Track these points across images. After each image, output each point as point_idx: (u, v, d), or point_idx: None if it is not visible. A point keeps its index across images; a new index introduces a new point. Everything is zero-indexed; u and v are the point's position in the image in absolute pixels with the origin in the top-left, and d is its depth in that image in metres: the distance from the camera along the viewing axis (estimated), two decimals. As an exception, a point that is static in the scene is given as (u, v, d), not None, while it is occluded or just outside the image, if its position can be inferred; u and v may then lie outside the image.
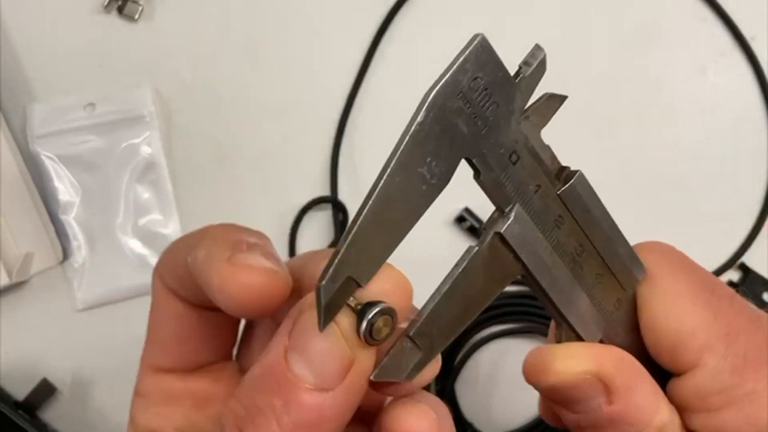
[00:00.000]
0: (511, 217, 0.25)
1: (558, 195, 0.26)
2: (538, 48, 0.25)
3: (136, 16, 0.59)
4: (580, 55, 0.62)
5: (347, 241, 0.22)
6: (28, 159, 0.58)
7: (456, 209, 0.60)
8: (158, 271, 0.31)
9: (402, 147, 0.22)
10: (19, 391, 0.58)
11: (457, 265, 0.25)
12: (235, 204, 0.61)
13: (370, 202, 0.22)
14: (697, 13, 0.63)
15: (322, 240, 0.60)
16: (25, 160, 0.57)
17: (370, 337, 0.24)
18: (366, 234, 0.22)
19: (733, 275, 0.63)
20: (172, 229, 0.59)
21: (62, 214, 0.58)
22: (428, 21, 0.61)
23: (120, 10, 0.59)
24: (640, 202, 0.62)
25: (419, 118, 0.22)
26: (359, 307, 0.23)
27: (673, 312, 0.27)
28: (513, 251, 0.25)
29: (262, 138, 0.61)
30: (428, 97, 0.22)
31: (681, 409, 0.28)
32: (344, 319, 0.24)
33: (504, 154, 0.24)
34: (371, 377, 0.25)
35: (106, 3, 0.59)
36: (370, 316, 0.23)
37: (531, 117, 0.25)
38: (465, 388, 0.59)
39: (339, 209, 0.60)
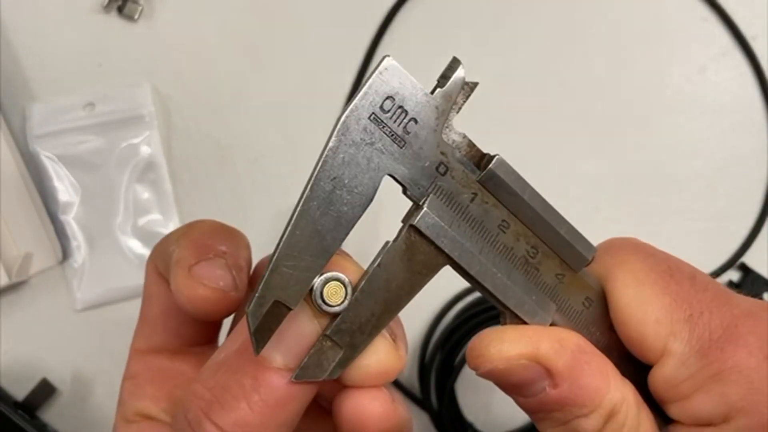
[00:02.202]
0: (424, 209, 0.25)
1: (478, 181, 0.25)
2: (455, 60, 0.25)
3: (136, 16, 0.59)
4: (581, 55, 0.62)
5: (270, 268, 0.23)
6: (28, 159, 0.58)
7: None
8: (152, 256, 0.33)
9: (316, 173, 0.23)
10: (19, 391, 0.58)
11: (373, 261, 0.25)
12: (235, 204, 0.61)
13: (288, 229, 0.23)
14: (697, 12, 0.63)
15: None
16: (24, 160, 0.57)
17: (325, 304, 0.25)
18: (288, 259, 0.23)
19: (733, 275, 0.63)
20: (172, 229, 0.59)
21: (62, 214, 0.58)
22: (428, 21, 0.61)
23: (120, 10, 0.59)
24: (640, 202, 0.62)
25: (330, 144, 0.23)
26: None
27: (635, 303, 0.27)
28: (431, 242, 0.25)
29: (262, 138, 0.61)
30: (338, 122, 0.23)
31: (661, 401, 0.27)
32: (306, 301, 0.25)
33: (429, 167, 0.25)
34: (291, 378, 0.25)
35: (106, 3, 0.59)
36: (317, 283, 0.25)
37: (450, 114, 0.25)
38: (465, 388, 0.59)
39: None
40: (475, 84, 0.25)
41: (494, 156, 0.25)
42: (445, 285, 0.26)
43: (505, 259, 0.26)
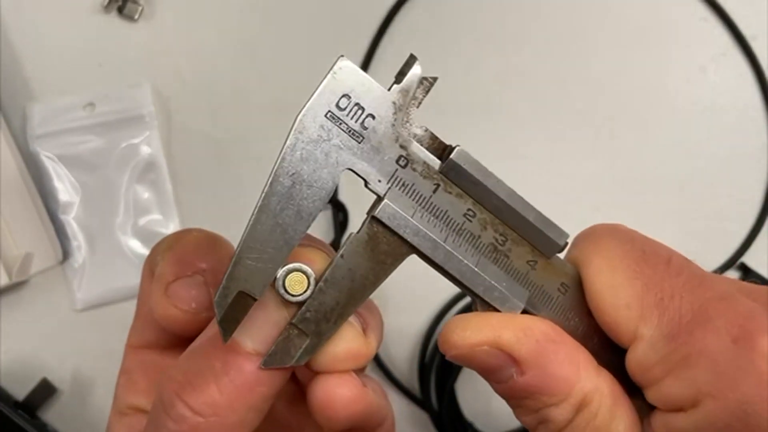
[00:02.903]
0: (385, 200, 0.26)
1: (440, 172, 0.26)
2: (411, 57, 0.26)
3: (136, 16, 0.59)
4: (581, 55, 0.62)
5: (233, 260, 0.24)
6: (28, 159, 0.58)
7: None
8: (148, 258, 0.34)
9: (275, 170, 0.24)
10: (19, 391, 0.58)
11: (336, 252, 0.27)
12: (234, 204, 0.61)
13: (250, 224, 0.24)
14: (697, 12, 0.63)
15: (322, 240, 0.60)
16: (25, 160, 0.57)
17: (288, 294, 0.26)
18: (251, 252, 0.24)
19: (733, 275, 0.63)
20: (172, 229, 0.59)
21: (62, 214, 0.58)
22: (428, 21, 0.61)
23: (120, 10, 0.59)
24: (640, 202, 0.62)
25: (288, 141, 0.24)
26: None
27: (606, 288, 0.27)
28: (393, 232, 0.26)
29: (262, 138, 0.61)
30: (295, 121, 0.24)
31: (639, 386, 0.27)
32: (273, 291, 0.26)
33: (389, 161, 0.25)
34: (260, 365, 0.27)
35: (106, 3, 0.59)
36: (279, 274, 0.26)
37: (411, 109, 0.26)
38: (465, 388, 0.59)
39: (339, 209, 0.60)
40: (435, 78, 0.26)
41: (455, 147, 0.26)
42: (445, 285, 0.27)
43: (472, 247, 0.27)
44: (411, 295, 0.57)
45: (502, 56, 0.62)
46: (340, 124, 0.25)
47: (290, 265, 0.26)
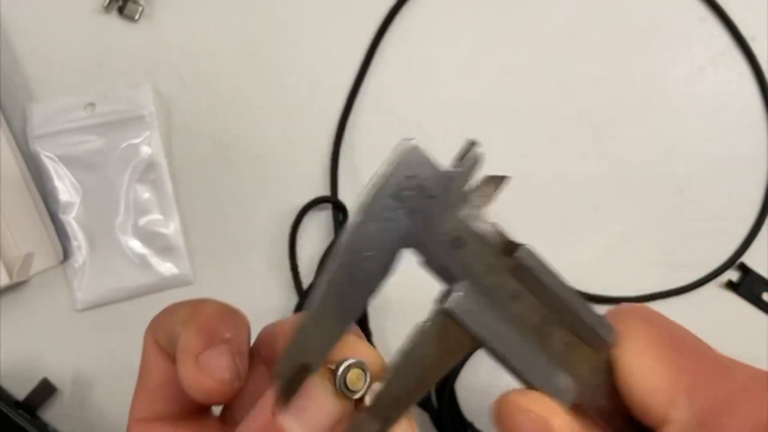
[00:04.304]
0: (455, 293, 0.26)
1: (506, 268, 0.27)
2: (469, 142, 0.26)
3: (137, 17, 0.59)
4: (580, 55, 0.62)
5: (296, 332, 0.25)
6: (28, 159, 0.58)
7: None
8: (151, 329, 0.33)
9: (339, 247, 0.25)
10: (19, 391, 0.58)
11: (409, 341, 0.27)
12: (235, 204, 0.61)
13: (313, 299, 0.25)
14: (697, 13, 0.63)
15: (322, 240, 0.60)
16: (25, 160, 0.57)
17: (347, 390, 0.26)
18: (312, 326, 0.25)
19: (733, 275, 0.63)
20: (173, 229, 0.59)
21: (62, 214, 0.58)
22: (428, 21, 0.61)
23: (120, 10, 0.59)
24: (639, 203, 0.62)
25: (355, 219, 0.25)
26: (334, 367, 0.27)
27: (638, 372, 0.28)
28: (462, 325, 0.27)
29: (262, 138, 0.61)
30: (362, 200, 0.25)
31: None
32: (328, 380, 0.27)
33: (445, 241, 0.26)
34: None
35: (106, 3, 0.59)
36: (341, 370, 0.26)
37: (475, 200, 0.27)
38: (465, 388, 0.59)
39: (339, 209, 0.60)
40: (504, 177, 0.27)
41: (521, 245, 0.27)
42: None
43: (531, 341, 0.28)
44: (411, 296, 0.57)
45: (502, 56, 0.62)
46: (404, 203, 0.25)
47: (350, 361, 0.26)
